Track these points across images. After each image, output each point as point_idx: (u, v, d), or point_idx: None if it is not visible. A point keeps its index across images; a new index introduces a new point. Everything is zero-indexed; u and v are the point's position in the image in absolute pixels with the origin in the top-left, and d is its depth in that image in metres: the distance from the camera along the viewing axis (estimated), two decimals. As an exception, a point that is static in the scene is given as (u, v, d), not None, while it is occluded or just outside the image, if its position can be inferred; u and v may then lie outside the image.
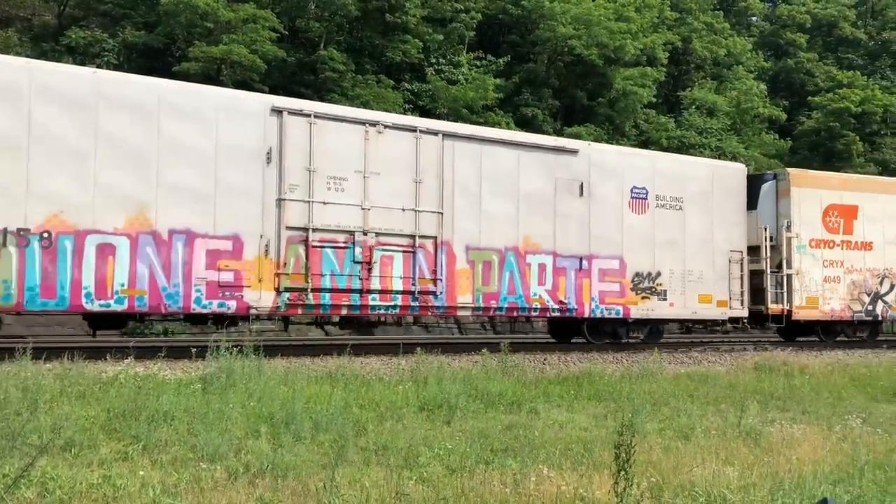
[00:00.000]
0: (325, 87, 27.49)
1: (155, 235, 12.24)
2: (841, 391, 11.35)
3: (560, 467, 6.18)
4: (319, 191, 13.50)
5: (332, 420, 7.58)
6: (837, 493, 5.14)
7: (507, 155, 15.45)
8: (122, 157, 12.07)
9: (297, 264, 13.32)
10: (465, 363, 12.73)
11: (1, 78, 11.38)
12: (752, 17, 48.78)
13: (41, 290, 11.36)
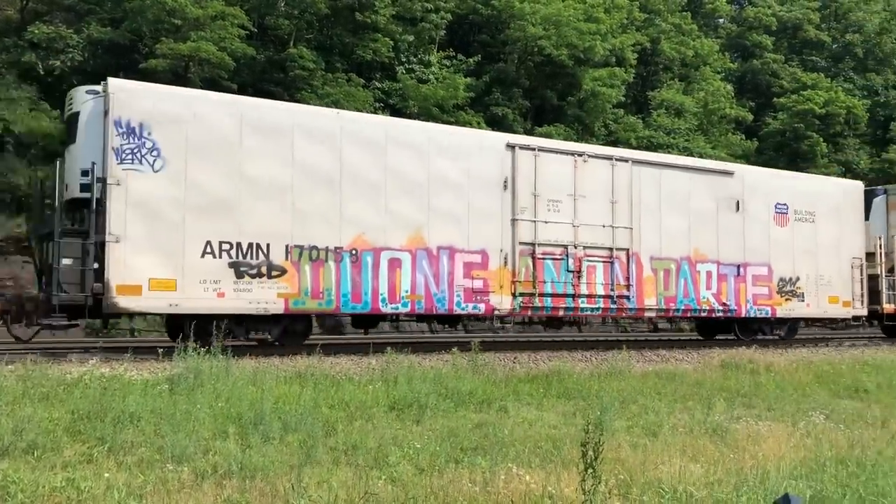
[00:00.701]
0: (294, 86, 27.32)
1: (427, 251, 14.89)
2: (805, 388, 11.55)
3: (529, 465, 6.21)
4: (542, 212, 16.04)
5: (300, 420, 7.55)
6: (800, 488, 5.22)
7: (681, 178, 18.01)
8: (403, 187, 14.68)
9: (527, 273, 15.83)
10: (436, 362, 12.74)
11: (321, 126, 14.06)
12: (720, 18, 49.35)
13: (351, 296, 14.09)
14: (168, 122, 12.72)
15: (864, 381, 12.06)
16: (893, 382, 12.00)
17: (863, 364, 14.56)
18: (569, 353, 15.81)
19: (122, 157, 12.34)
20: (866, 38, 46.48)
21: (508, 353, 15.20)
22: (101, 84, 12.77)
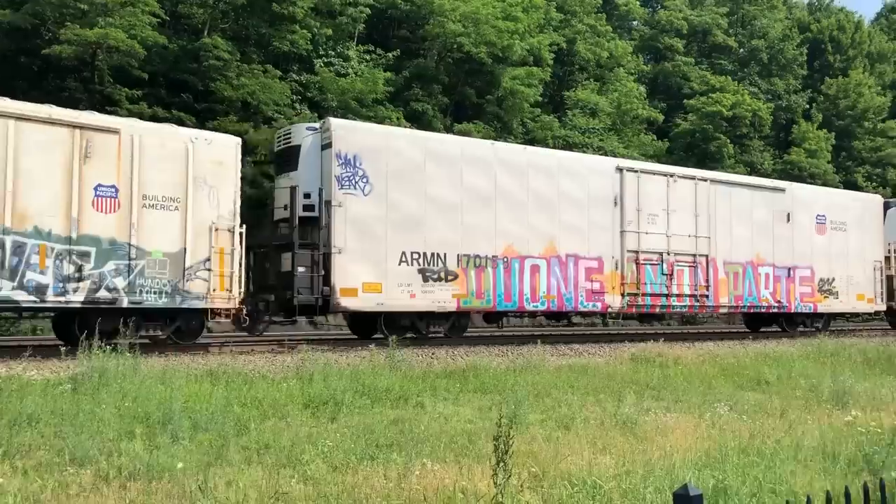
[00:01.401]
0: (209, 76, 26.64)
1: (559, 258, 17.77)
2: (711, 380, 11.94)
3: (444, 460, 6.23)
4: (643, 224, 19.01)
5: (211, 419, 7.37)
6: (704, 478, 5.41)
7: (745, 194, 21.20)
8: (540, 205, 17.54)
9: (632, 276, 18.72)
10: (353, 359, 12.65)
11: (480, 155, 17.05)
12: (633, 21, 50.63)
13: (504, 296, 16.89)
14: (373, 153, 15.55)
15: (766, 374, 12.55)
16: (792, 374, 12.54)
17: (764, 357, 15.18)
18: (486, 348, 15.96)
19: (342, 184, 15.13)
20: (770, 45, 48.50)
21: (427, 348, 15.23)
22: (318, 122, 16.11)
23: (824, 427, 7.94)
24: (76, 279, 12.32)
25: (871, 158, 46.14)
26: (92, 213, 12.55)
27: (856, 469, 6.21)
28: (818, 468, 6.24)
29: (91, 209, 12.56)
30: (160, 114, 23.75)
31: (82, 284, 12.40)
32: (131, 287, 12.82)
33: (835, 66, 49.70)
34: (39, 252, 12.00)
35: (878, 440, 6.84)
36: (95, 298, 12.50)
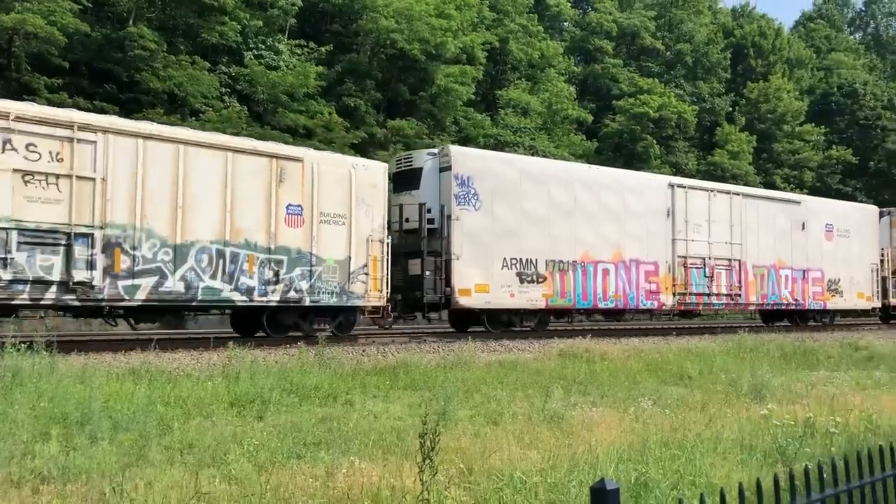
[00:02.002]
0: (133, 66, 25.89)
1: (624, 263, 20.61)
2: (636, 375, 12.19)
3: (372, 458, 6.20)
4: (690, 233, 21.97)
5: (133, 419, 7.16)
6: (626, 471, 5.52)
7: (770, 205, 24.44)
8: (609, 217, 20.39)
9: (681, 278, 21.66)
10: (281, 357, 12.49)
11: (562, 175, 20.03)
12: (564, 22, 51.35)
13: (582, 295, 19.65)
14: (482, 174, 18.27)
15: (689, 369, 12.88)
16: (714, 369, 12.90)
17: (687, 353, 15.57)
18: (417, 345, 15.96)
19: (459, 201, 17.77)
20: (695, 48, 49.87)
21: (358, 345, 15.15)
22: (437, 148, 18.86)
23: (743, 420, 8.20)
24: (273, 283, 15.03)
25: (789, 161, 47.96)
26: (284, 227, 15.18)
27: (771, 460, 6.43)
28: (736, 460, 6.43)
29: (284, 225, 15.18)
30: (82, 104, 22.96)
31: (278, 287, 15.06)
32: (312, 289, 15.53)
33: (756, 70, 51.45)
34: (248, 261, 14.64)
35: (792, 432, 7.10)
36: (287, 298, 15.19)
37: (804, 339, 19.57)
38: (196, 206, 13.99)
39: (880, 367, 13.81)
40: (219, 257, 14.26)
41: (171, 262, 13.67)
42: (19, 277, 11.98)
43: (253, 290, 14.65)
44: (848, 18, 75.08)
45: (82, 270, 12.62)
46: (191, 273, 13.83)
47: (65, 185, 12.56)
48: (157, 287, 13.45)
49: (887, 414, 8.24)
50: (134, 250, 13.20)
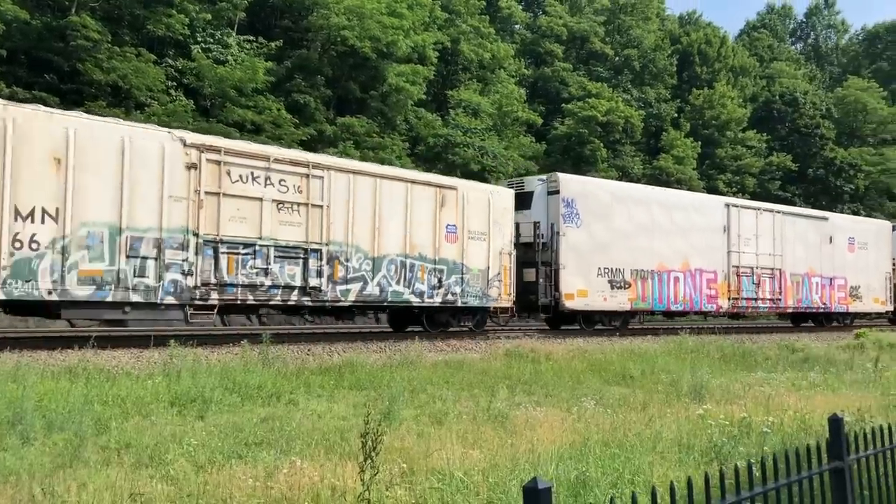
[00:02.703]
0: (75, 56, 25.22)
1: (690, 272, 23.96)
2: (580, 375, 12.34)
3: (314, 458, 6.15)
4: (741, 246, 25.38)
5: (68, 418, 6.99)
6: (567, 469, 5.59)
7: (803, 222, 27.90)
8: (679, 232, 23.72)
9: (735, 285, 25.12)
10: (224, 355, 12.31)
11: (642, 197, 23.44)
12: (516, 24, 51.69)
13: (658, 299, 23.06)
14: (581, 196, 21.58)
15: (631, 369, 13.09)
16: (655, 370, 13.14)
17: (630, 353, 15.82)
18: (364, 344, 15.90)
19: (565, 220, 21.03)
20: (643, 54, 50.70)
21: (303, 344, 15.02)
22: (545, 175, 22.52)
23: (682, 420, 8.36)
24: (437, 287, 18.43)
25: (731, 166, 49.08)
26: (444, 243, 18.65)
27: (707, 459, 6.58)
28: (674, 459, 6.56)
29: (444, 241, 18.65)
30: (20, 94, 22.29)
31: (440, 291, 18.51)
32: (462, 293, 18.99)
33: (702, 77, 52.52)
34: (421, 270, 18.11)
35: (728, 432, 7.27)
36: (446, 300, 18.69)
37: (743, 341, 20.04)
38: (387, 227, 17.53)
39: (815, 368, 14.23)
40: (401, 267, 17.80)
41: (370, 271, 17.26)
42: (275, 283, 15.55)
43: (423, 293, 18.19)
44: (790, 29, 77.26)
45: (314, 278, 16.14)
46: (384, 280, 17.50)
47: (303, 211, 16.01)
48: (361, 291, 17.01)
49: (819, 413, 8.49)
50: (347, 262, 16.83)
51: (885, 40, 71.26)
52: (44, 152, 12.61)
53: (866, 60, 71.02)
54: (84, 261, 13.04)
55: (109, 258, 13.32)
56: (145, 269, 13.82)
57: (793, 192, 51.12)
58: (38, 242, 12.47)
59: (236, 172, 15.08)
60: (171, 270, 14.11)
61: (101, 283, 13.17)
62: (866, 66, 69.17)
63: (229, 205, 14.91)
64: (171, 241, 14.10)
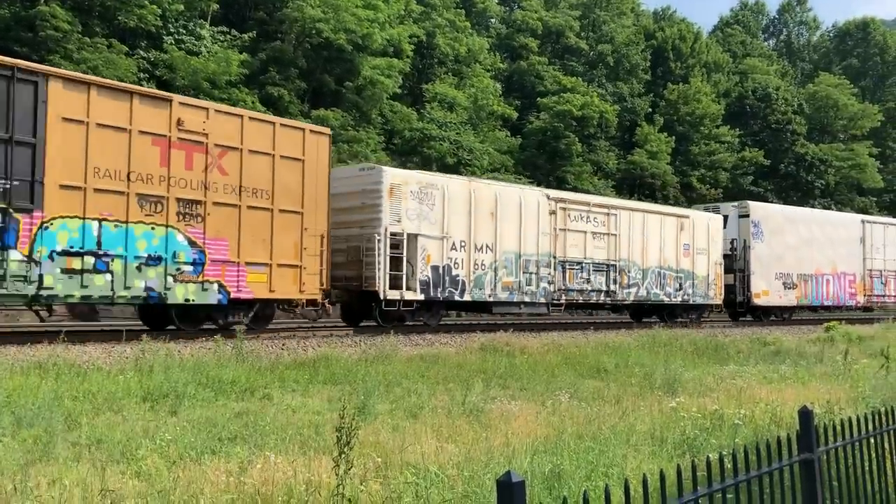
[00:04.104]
0: (45, 48, 24.82)
1: (837, 275, 31.08)
2: (555, 369, 12.41)
3: (288, 452, 6.13)
4: (874, 254, 32.20)
5: (38, 414, 6.90)
6: (541, 463, 5.62)
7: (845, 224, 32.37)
8: (829, 244, 30.44)
9: (869, 285, 31.89)
10: (198, 350, 12.21)
11: (808, 217, 31.44)
12: (491, 18, 51.67)
13: (815, 296, 30.10)
14: (764, 219, 28.52)
15: (605, 362, 13.19)
16: (629, 363, 13.24)
17: (604, 347, 15.93)
18: (339, 338, 15.84)
19: (753, 237, 27.77)
20: (616, 49, 50.93)
21: (277, 339, 14.93)
22: (737, 202, 29.35)
23: (655, 413, 8.44)
24: (678, 290, 25.31)
25: (705, 162, 49.46)
26: (682, 257, 25.40)
27: (681, 451, 6.65)
28: (648, 451, 6.62)
29: (682, 256, 25.41)
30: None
31: (680, 293, 25.32)
32: (693, 294, 25.65)
33: (676, 72, 52.86)
34: (668, 277, 24.95)
35: (701, 425, 7.35)
36: (684, 300, 25.46)
37: (716, 335, 20.25)
38: (649, 247, 24.44)
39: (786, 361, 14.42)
40: (658, 276, 24.61)
41: (641, 279, 24.11)
42: (593, 288, 22.80)
43: (671, 294, 25.10)
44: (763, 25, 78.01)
45: (612, 284, 23.21)
46: (649, 285, 24.35)
47: (605, 238, 23.20)
48: (636, 293, 24.04)
49: (790, 406, 8.60)
50: (628, 273, 23.77)
51: (855, 37, 72.19)
52: (486, 209, 20.18)
53: (837, 57, 71.91)
54: (504, 276, 20.53)
55: (514, 273, 20.81)
56: (531, 280, 21.16)
57: (765, 188, 51.66)
58: (485, 265, 20.07)
59: (573, 215, 22.46)
60: (543, 281, 21.47)
61: (512, 290, 20.74)
62: (837, 63, 70.04)
63: (570, 236, 22.28)
64: (542, 262, 21.43)
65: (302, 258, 16.25)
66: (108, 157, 13.53)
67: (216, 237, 14.96)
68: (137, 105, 13.95)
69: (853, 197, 56.84)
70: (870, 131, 60.07)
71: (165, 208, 14.25)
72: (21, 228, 12.37)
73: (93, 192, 13.31)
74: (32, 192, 12.56)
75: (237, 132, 15.39)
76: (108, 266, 13.41)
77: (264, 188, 15.72)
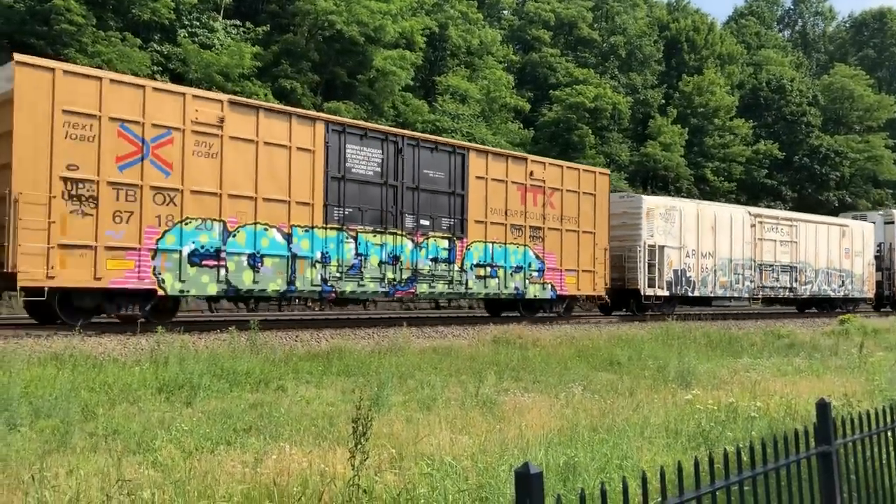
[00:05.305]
0: (60, 41, 24.94)
1: None
2: (567, 362, 12.39)
3: (303, 443, 6.15)
4: None
5: (55, 405, 6.95)
6: (555, 455, 5.62)
7: None
8: None
9: None
10: (212, 342, 12.27)
11: None
12: (503, 10, 51.45)
13: None
14: None
15: (618, 355, 13.16)
16: (642, 355, 13.21)
17: (617, 339, 15.89)
18: (352, 330, 15.88)
19: None
20: (629, 41, 50.62)
21: (291, 331, 14.99)
22: (882, 210, 36.45)
23: (669, 405, 8.42)
24: (841, 286, 31.11)
25: (718, 154, 49.14)
26: (843, 259, 30.69)
27: (695, 444, 6.63)
28: (662, 444, 6.60)
29: (843, 258, 30.72)
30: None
31: (842, 288, 30.61)
32: (851, 289, 31.13)
33: (689, 64, 52.50)
34: (834, 276, 30.75)
35: (716, 417, 7.32)
36: (845, 294, 30.75)
37: (729, 328, 20.16)
38: (819, 251, 30.01)
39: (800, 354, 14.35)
40: (826, 275, 30.11)
41: (814, 278, 29.53)
42: (782, 286, 28.51)
43: (836, 289, 30.33)
44: (777, 16, 77.35)
45: (794, 282, 28.87)
46: (819, 282, 30.03)
47: (789, 245, 29.09)
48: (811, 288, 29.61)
49: (805, 399, 8.56)
50: (804, 272, 29.14)
51: (871, 28, 71.49)
52: (708, 225, 25.88)
53: (853, 48, 71.25)
54: (720, 276, 26.18)
55: (727, 274, 26.53)
56: (738, 280, 27.01)
57: (779, 181, 51.30)
58: (707, 268, 25.79)
59: (767, 227, 28.32)
60: (746, 280, 27.22)
61: (725, 287, 26.51)
62: (853, 54, 69.41)
63: (765, 244, 28.02)
64: (745, 265, 27.22)
65: (594, 265, 22.17)
66: (496, 200, 19.88)
67: (549, 252, 21.12)
68: (511, 164, 20.37)
69: (869, 189, 56.35)
70: (886, 122, 59.47)
71: (523, 233, 20.51)
72: (457, 250, 18.98)
73: (490, 224, 19.71)
74: (463, 226, 19.13)
75: (559, 177, 21.39)
76: (497, 273, 19.83)
77: (573, 216, 21.66)
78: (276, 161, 15.55)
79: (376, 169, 17.40)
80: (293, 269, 15.76)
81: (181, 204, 14.09)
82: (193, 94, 14.78)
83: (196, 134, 14.35)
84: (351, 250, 16.80)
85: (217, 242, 14.57)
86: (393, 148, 17.73)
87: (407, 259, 17.85)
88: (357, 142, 17.04)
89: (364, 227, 17.08)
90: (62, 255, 12.61)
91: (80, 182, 12.90)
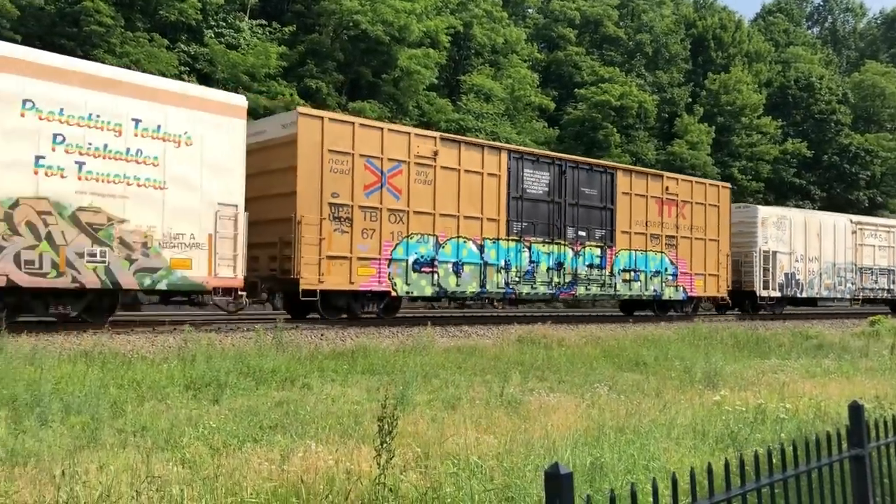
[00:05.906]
0: (89, 42, 25.27)
1: None
2: (593, 362, 12.32)
3: (329, 441, 6.18)
4: None
5: (85, 401, 7.04)
6: (581, 455, 5.58)
7: None
8: None
9: None
10: (238, 340, 12.36)
11: None
12: (528, 9, 51.31)
13: None
14: None
15: (644, 355, 13.06)
16: (669, 355, 13.11)
17: (643, 339, 15.79)
18: (376, 329, 15.93)
19: None
20: (655, 38, 50.25)
21: (316, 329, 15.07)
22: None
23: (696, 406, 8.34)
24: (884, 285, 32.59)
25: (746, 153, 48.65)
26: None
27: (723, 445, 6.56)
28: (689, 445, 6.54)
29: None
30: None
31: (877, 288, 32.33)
32: None
33: (716, 62, 52.03)
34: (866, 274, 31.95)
35: (744, 418, 7.24)
36: None
37: (756, 328, 19.94)
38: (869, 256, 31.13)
39: (829, 355, 14.16)
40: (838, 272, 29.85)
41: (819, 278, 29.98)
42: (878, 287, 30.79)
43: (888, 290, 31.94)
44: (806, 13, 76.42)
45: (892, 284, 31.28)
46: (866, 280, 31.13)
47: (887, 250, 31.19)
48: None
49: (835, 401, 8.44)
50: None
51: (903, 24, 70.43)
52: (814, 232, 28.40)
53: (884, 45, 70.21)
54: (825, 279, 28.76)
55: (831, 277, 28.75)
56: (841, 282, 29.19)
57: (808, 180, 50.65)
58: (813, 271, 28.07)
59: (866, 233, 30.23)
60: (848, 282, 29.43)
61: (829, 289, 28.42)
62: (884, 51, 68.39)
63: (864, 249, 30.13)
64: (847, 268, 29.40)
65: (718, 269, 24.78)
66: (638, 213, 22.50)
67: (681, 258, 23.66)
68: (650, 181, 23.02)
69: (900, 188, 55.51)
70: (918, 121, 58.54)
71: (661, 241, 23.07)
72: (607, 257, 21.67)
73: (633, 234, 22.31)
74: (612, 236, 21.80)
75: (689, 191, 24.11)
76: (639, 277, 22.47)
77: (701, 225, 24.23)
78: (472, 185, 18.71)
79: (545, 188, 20.31)
80: (484, 274, 18.95)
81: (407, 222, 17.42)
82: (415, 132, 18.10)
83: (417, 165, 17.58)
84: (526, 258, 19.84)
85: (431, 253, 17.88)
86: (557, 170, 20.67)
87: (568, 265, 20.81)
88: (531, 166, 20.07)
89: (536, 238, 20.10)
90: (328, 264, 15.98)
91: (340, 206, 16.28)
